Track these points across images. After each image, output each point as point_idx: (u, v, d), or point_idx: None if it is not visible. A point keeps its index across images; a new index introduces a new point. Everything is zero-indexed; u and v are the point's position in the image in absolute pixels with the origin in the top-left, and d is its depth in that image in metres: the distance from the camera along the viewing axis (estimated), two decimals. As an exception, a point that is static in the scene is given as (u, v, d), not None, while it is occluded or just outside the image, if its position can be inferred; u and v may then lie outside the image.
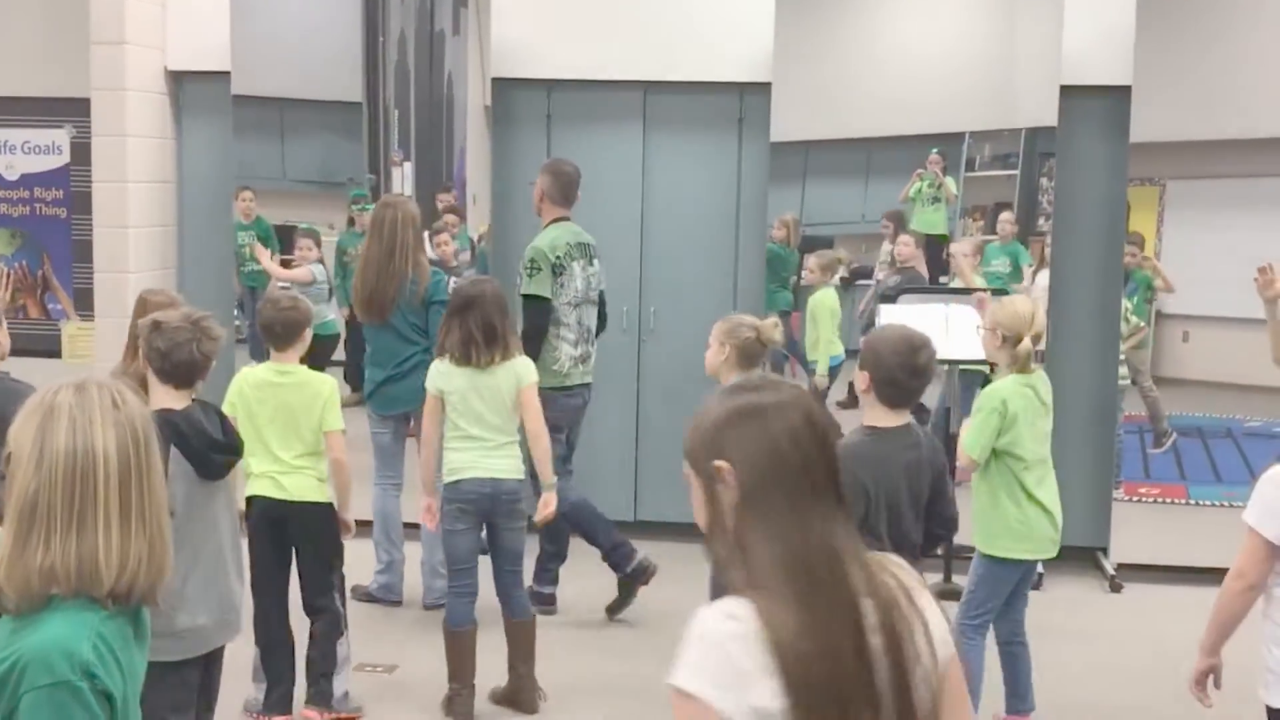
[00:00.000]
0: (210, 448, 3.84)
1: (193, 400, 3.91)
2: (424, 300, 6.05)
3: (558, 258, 6.04)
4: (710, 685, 1.75)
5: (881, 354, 3.78)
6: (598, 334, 6.37)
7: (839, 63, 7.37)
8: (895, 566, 1.90)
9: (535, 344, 5.89)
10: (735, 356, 4.53)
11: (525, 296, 6.02)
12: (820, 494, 1.82)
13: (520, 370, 5.01)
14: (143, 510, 2.21)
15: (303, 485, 4.86)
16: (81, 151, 7.70)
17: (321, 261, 7.45)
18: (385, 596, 6.36)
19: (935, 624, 1.86)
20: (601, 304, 6.36)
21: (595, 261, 6.24)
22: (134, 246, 7.49)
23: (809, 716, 1.74)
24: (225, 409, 4.93)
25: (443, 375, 5.04)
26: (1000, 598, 4.79)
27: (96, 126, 7.42)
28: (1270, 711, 3.46)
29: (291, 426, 4.86)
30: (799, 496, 1.81)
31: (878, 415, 3.84)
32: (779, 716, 1.74)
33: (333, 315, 7.43)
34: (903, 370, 3.73)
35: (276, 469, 4.85)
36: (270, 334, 4.92)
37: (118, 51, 7.34)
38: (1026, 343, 4.58)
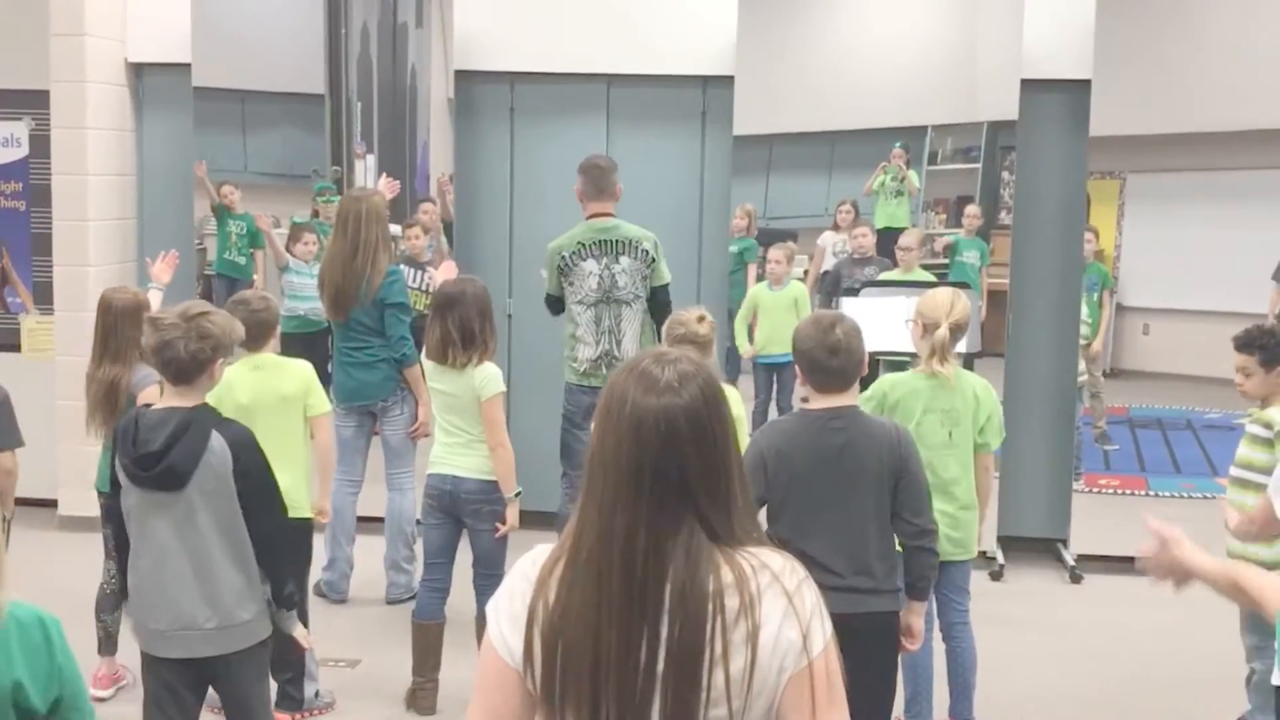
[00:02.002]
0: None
1: (201, 404, 3.67)
2: (376, 300, 5.96)
3: (563, 256, 6.05)
4: (492, 612, 1.96)
5: (799, 340, 3.79)
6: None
7: (802, 56, 7.39)
8: (753, 568, 1.88)
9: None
10: None
11: None
12: (642, 487, 1.87)
13: (479, 382, 4.88)
14: None
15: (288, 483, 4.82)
16: (41, 144, 7.62)
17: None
18: (327, 593, 6.25)
19: (773, 635, 1.85)
20: (658, 302, 6.09)
21: (622, 259, 6.02)
22: (94, 240, 7.43)
23: (542, 671, 1.88)
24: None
25: (425, 371, 5.10)
26: None
27: (56, 119, 7.36)
28: (1278, 690, 3.51)
29: (280, 418, 4.77)
30: (620, 486, 1.88)
31: (813, 400, 3.85)
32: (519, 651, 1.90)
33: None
34: (820, 350, 3.71)
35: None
36: (245, 334, 4.89)
37: (77, 43, 7.28)
38: (942, 330, 4.53)
